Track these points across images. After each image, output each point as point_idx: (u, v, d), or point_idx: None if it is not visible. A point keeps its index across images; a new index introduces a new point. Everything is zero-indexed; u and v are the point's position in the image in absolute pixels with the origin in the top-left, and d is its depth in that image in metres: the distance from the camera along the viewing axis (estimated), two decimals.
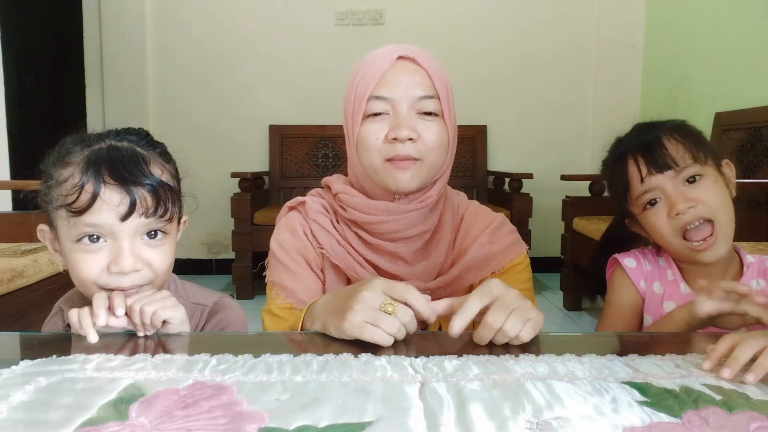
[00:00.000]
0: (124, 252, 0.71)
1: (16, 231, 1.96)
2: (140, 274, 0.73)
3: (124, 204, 0.70)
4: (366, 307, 0.67)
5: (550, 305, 2.93)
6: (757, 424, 0.48)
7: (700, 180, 0.87)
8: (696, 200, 0.86)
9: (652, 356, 0.64)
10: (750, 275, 0.91)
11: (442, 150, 0.88)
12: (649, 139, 0.90)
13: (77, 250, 0.71)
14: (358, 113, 0.87)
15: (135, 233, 0.72)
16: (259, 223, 2.97)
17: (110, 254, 0.71)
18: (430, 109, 0.86)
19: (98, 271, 0.71)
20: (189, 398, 0.53)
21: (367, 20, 3.52)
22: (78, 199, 0.69)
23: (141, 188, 0.71)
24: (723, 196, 0.88)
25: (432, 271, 0.91)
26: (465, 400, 0.53)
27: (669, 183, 0.88)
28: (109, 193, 0.70)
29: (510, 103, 3.60)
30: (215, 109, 3.55)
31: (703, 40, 2.94)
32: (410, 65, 0.86)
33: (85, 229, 0.70)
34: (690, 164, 0.87)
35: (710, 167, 0.89)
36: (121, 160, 0.72)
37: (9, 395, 0.53)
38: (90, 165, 0.71)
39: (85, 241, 0.71)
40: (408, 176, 0.86)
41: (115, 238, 0.71)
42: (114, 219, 0.70)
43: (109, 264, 0.71)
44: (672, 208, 0.87)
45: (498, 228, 0.95)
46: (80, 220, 0.69)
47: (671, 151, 0.87)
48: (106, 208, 0.69)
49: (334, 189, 0.95)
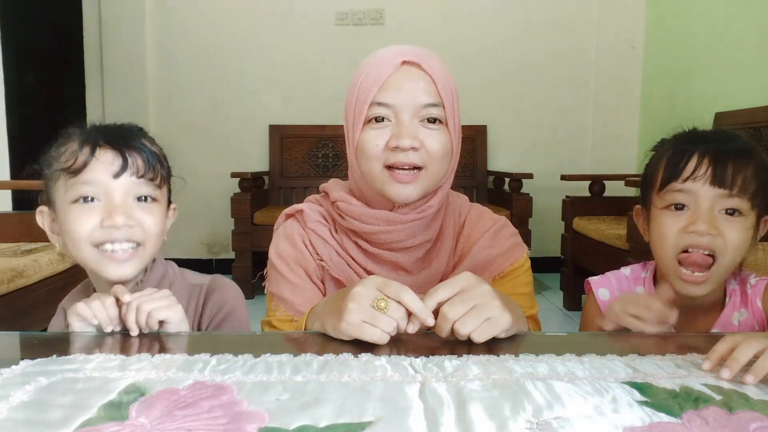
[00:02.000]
0: (117, 206, 0.76)
1: (16, 231, 1.96)
2: (132, 230, 0.77)
3: (117, 163, 0.76)
4: (360, 305, 0.67)
5: (550, 305, 2.93)
6: (757, 424, 0.48)
7: (738, 218, 0.80)
8: (719, 233, 0.79)
9: (652, 356, 0.64)
10: (732, 307, 0.86)
11: (445, 159, 0.85)
12: (732, 149, 0.80)
13: (73, 211, 0.76)
14: (359, 118, 0.84)
15: (127, 193, 0.77)
16: (259, 223, 2.97)
17: (104, 211, 0.76)
18: (434, 116, 0.83)
19: (92, 226, 0.76)
20: (189, 398, 0.53)
21: (367, 20, 3.52)
22: (76, 161, 0.76)
23: (132, 151, 0.78)
24: (743, 245, 0.81)
25: (434, 280, 0.89)
26: (465, 400, 0.53)
27: (709, 199, 0.79)
28: (103, 153, 0.76)
29: (510, 103, 3.59)
30: (215, 109, 3.54)
31: (703, 40, 2.94)
32: (415, 70, 0.83)
33: (81, 189, 0.76)
34: (744, 197, 0.79)
35: (754, 214, 0.81)
36: (114, 128, 0.81)
37: (9, 395, 0.53)
38: (86, 133, 0.79)
39: (81, 202, 0.76)
40: (410, 189, 0.83)
41: (108, 196, 0.76)
42: (108, 176, 0.76)
43: (102, 219, 0.75)
44: (694, 223, 0.79)
45: (498, 231, 0.93)
46: (77, 179, 0.75)
47: (741, 174, 0.78)
48: (100, 167, 0.76)
49: (332, 197, 0.92)
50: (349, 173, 0.93)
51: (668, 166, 0.82)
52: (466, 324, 0.65)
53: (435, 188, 0.88)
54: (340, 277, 0.90)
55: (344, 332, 0.67)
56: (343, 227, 0.91)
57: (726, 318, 0.86)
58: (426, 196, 0.87)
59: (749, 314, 0.85)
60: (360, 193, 0.90)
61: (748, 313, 0.85)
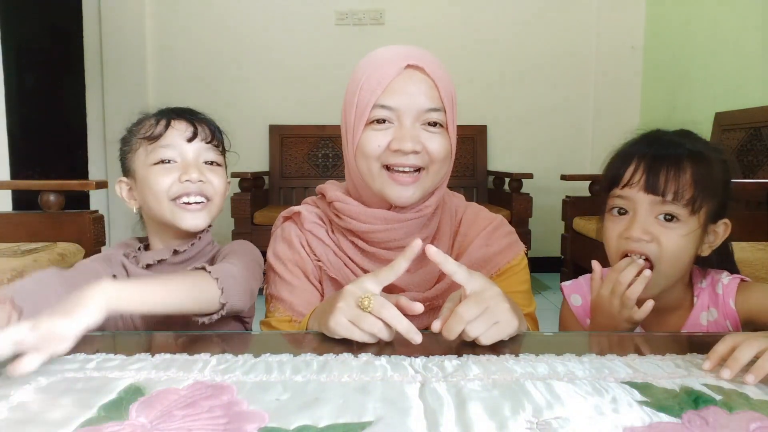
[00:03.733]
0: (191, 165, 0.89)
1: (16, 231, 1.96)
2: (204, 186, 0.89)
3: (189, 130, 0.90)
4: (348, 305, 0.67)
5: (550, 305, 2.93)
6: (757, 424, 0.48)
7: (676, 224, 0.80)
8: (653, 239, 0.80)
9: (652, 356, 0.64)
10: (700, 307, 0.86)
11: (445, 161, 0.87)
12: (667, 155, 0.81)
13: (153, 172, 0.89)
14: (361, 120, 0.84)
15: (198, 155, 0.91)
16: (259, 223, 2.97)
17: (181, 169, 0.89)
18: (435, 120, 0.84)
19: (171, 182, 0.88)
20: (189, 398, 0.53)
21: (367, 20, 3.52)
22: (155, 130, 0.90)
23: (200, 123, 0.93)
24: (687, 249, 0.81)
25: (431, 279, 0.90)
26: (465, 400, 0.53)
27: (646, 206, 0.81)
28: (177, 123, 0.91)
29: (510, 103, 3.59)
30: (215, 109, 3.49)
31: (703, 40, 2.94)
32: (418, 74, 0.83)
33: (160, 152, 0.89)
34: (679, 204, 0.79)
35: (696, 219, 0.80)
36: (184, 107, 0.96)
37: (9, 395, 0.53)
38: (161, 111, 0.94)
39: (160, 164, 0.89)
40: (410, 192, 0.84)
41: (183, 157, 0.90)
42: (182, 140, 0.90)
43: (180, 174, 0.88)
44: (628, 229, 0.81)
45: (495, 230, 0.93)
46: (157, 144, 0.89)
47: (674, 181, 0.79)
48: (176, 134, 0.90)
49: (329, 197, 0.93)
50: (345, 173, 0.93)
51: (609, 173, 0.85)
52: (477, 327, 0.65)
53: (433, 189, 0.88)
54: (337, 277, 0.90)
55: (333, 331, 0.68)
56: (340, 227, 0.91)
57: (694, 318, 0.86)
58: (424, 197, 0.88)
59: (719, 314, 0.85)
60: (357, 194, 0.91)
61: (719, 314, 0.85)
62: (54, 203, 1.97)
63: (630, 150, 0.86)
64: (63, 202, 1.99)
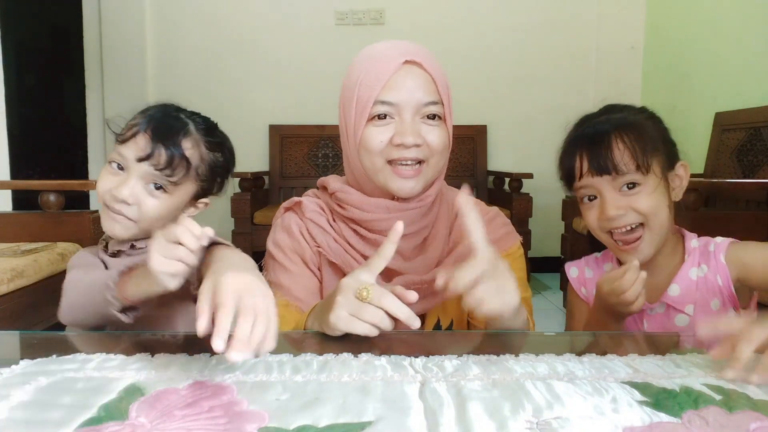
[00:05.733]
0: (129, 183, 0.87)
1: (16, 231, 1.95)
2: (128, 208, 0.87)
3: (145, 151, 0.87)
4: (347, 298, 0.67)
5: (550, 305, 2.93)
6: (757, 424, 0.48)
7: (639, 188, 0.86)
8: (628, 208, 0.86)
9: (652, 356, 0.64)
10: (691, 263, 0.91)
11: (444, 152, 0.90)
12: (598, 137, 0.88)
13: (105, 169, 0.91)
14: (362, 116, 0.87)
15: (142, 176, 0.88)
16: (259, 222, 2.97)
17: (120, 182, 0.87)
18: (434, 113, 0.88)
19: (108, 187, 0.88)
20: (189, 398, 0.53)
21: (367, 20, 3.52)
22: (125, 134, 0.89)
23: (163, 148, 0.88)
24: (660, 202, 0.87)
25: (429, 265, 0.93)
26: (465, 399, 0.53)
27: (606, 186, 0.87)
28: (141, 138, 0.88)
29: (510, 103, 3.59)
30: (215, 109, 3.49)
31: (703, 40, 2.94)
32: (416, 70, 0.86)
33: (114, 156, 0.89)
34: (631, 171, 0.85)
35: (653, 175, 0.86)
36: (164, 122, 0.91)
37: (9, 395, 0.53)
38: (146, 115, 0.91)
39: (113, 165, 0.89)
40: (412, 184, 0.87)
41: (128, 172, 0.88)
42: (133, 156, 0.88)
43: (112, 187, 0.87)
44: (603, 211, 0.87)
45: (492, 220, 0.97)
46: (117, 148, 0.90)
47: (615, 155, 0.85)
48: (133, 147, 0.88)
49: (331, 188, 0.95)
50: (345, 167, 0.95)
51: (563, 171, 0.91)
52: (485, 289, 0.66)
53: (433, 180, 0.92)
54: (337, 262, 0.91)
55: (334, 326, 0.68)
56: (342, 216, 0.93)
57: (684, 273, 0.90)
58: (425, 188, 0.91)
59: (710, 270, 0.90)
60: (359, 187, 0.93)
61: (709, 269, 0.90)
62: (54, 203, 1.97)
63: (570, 144, 0.92)
64: (63, 202, 1.99)
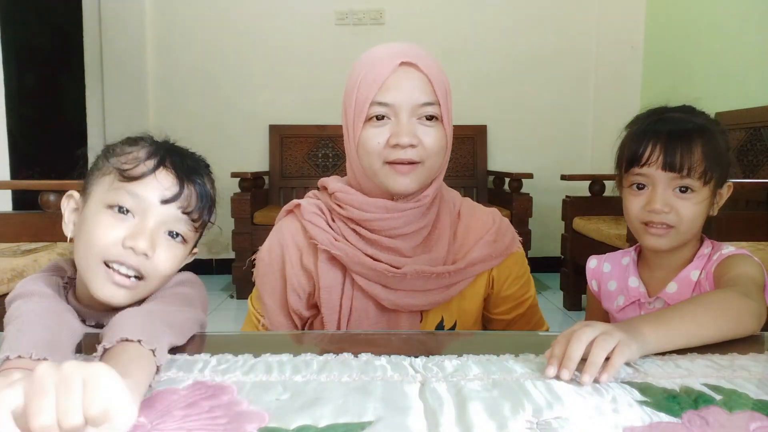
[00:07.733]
0: (146, 231, 0.71)
1: (16, 231, 1.96)
2: (145, 263, 0.71)
3: (172, 190, 0.72)
4: None
5: (550, 305, 2.93)
6: (757, 424, 0.48)
7: (691, 195, 0.89)
8: (672, 209, 0.89)
9: (652, 356, 0.64)
10: (695, 266, 0.94)
11: (441, 153, 0.91)
12: (679, 134, 0.90)
13: (104, 214, 0.72)
14: (360, 117, 0.88)
15: (163, 222, 0.73)
16: (259, 222, 2.97)
17: (132, 229, 0.71)
18: (431, 114, 0.88)
19: (114, 240, 0.70)
20: (189, 398, 0.53)
21: (367, 20, 3.52)
22: (135, 168, 0.72)
23: (192, 186, 0.75)
24: (701, 214, 0.91)
25: (435, 264, 0.93)
26: (465, 399, 0.53)
27: (664, 181, 0.90)
28: (164, 174, 0.73)
29: (510, 103, 3.59)
30: (215, 109, 3.54)
31: (703, 39, 2.94)
32: (412, 71, 0.87)
33: (123, 197, 0.71)
34: (694, 177, 0.88)
35: (708, 188, 0.90)
36: (187, 156, 0.79)
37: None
38: (159, 148, 0.76)
39: (116, 210, 0.72)
40: (408, 180, 0.88)
41: (144, 216, 0.72)
42: (156, 198, 0.72)
43: (125, 237, 0.70)
44: (649, 203, 0.90)
45: (499, 227, 1.00)
46: (125, 186, 0.71)
47: (688, 158, 0.88)
48: (154, 185, 0.72)
49: (331, 188, 0.96)
50: (347, 166, 0.96)
51: (628, 153, 0.93)
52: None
53: (430, 180, 0.92)
54: (339, 254, 0.91)
55: None
56: (341, 216, 0.94)
57: (686, 273, 0.94)
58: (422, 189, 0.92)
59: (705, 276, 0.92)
60: (359, 186, 0.94)
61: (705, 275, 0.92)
62: (54, 203, 1.97)
63: (643, 129, 0.93)
64: None
